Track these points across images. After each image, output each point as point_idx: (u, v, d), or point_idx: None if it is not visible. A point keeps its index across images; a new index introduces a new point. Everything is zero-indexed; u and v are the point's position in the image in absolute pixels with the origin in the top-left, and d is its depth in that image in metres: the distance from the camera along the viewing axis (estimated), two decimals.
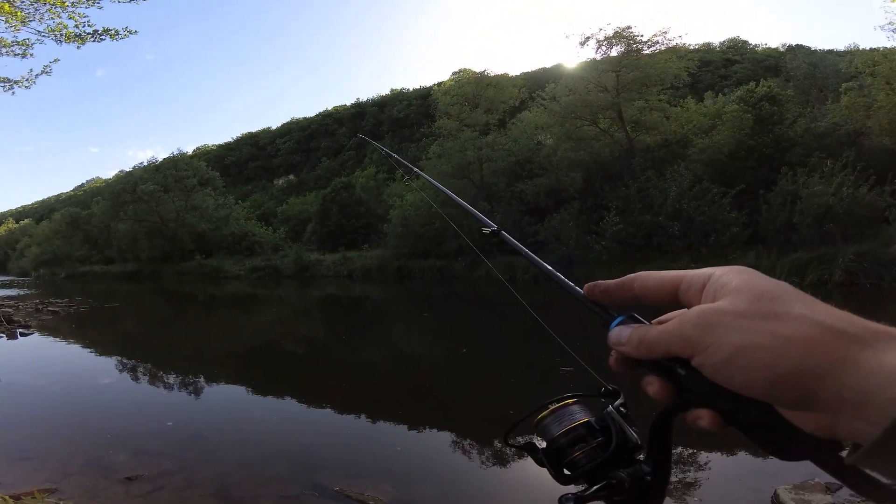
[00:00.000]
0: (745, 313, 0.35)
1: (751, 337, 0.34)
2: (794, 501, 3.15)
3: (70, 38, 9.06)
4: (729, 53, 68.55)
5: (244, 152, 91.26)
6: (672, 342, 0.38)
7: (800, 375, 0.32)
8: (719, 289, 0.38)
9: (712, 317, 0.36)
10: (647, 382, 0.42)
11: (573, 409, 0.48)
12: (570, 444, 0.46)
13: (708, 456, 4.13)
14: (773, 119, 20.89)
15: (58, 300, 19.35)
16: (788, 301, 0.35)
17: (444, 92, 33.64)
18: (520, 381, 6.85)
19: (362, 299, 21.10)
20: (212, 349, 10.70)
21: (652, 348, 0.40)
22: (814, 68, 30.01)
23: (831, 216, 16.01)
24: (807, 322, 0.34)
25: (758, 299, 0.36)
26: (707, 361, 0.36)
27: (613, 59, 24.69)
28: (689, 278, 0.40)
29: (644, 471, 0.43)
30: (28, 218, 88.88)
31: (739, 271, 0.39)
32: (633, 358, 0.42)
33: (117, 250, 44.41)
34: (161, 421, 5.65)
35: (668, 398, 0.41)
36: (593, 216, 22.84)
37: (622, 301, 0.45)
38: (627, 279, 0.44)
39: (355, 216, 37.67)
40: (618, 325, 0.43)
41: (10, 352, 9.98)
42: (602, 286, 0.46)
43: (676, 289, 0.41)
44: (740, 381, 0.35)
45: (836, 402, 0.32)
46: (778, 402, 0.35)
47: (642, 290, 0.43)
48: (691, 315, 0.38)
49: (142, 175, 41.52)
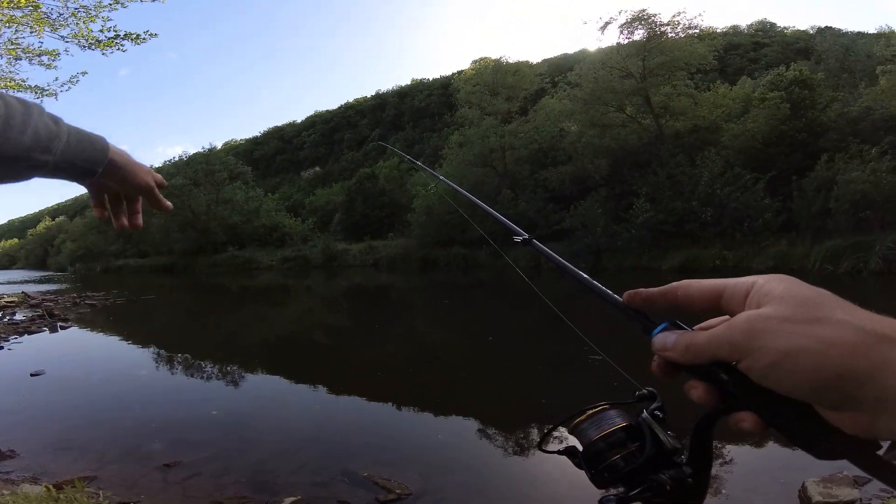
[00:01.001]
0: (790, 318, 0.36)
1: (797, 341, 0.35)
2: (821, 495, 3.12)
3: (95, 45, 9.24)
4: (757, 36, 66.37)
5: (271, 146, 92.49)
6: (721, 347, 0.39)
7: (843, 378, 0.34)
8: (763, 296, 0.39)
9: (759, 322, 0.37)
10: (690, 387, 0.42)
11: (611, 414, 0.48)
12: (608, 448, 0.46)
13: (735, 449, 4.10)
14: (805, 104, 20.25)
15: (94, 293, 20.01)
16: (831, 307, 0.36)
17: (464, 80, 33.43)
18: (548, 371, 6.84)
19: (388, 288, 21.29)
20: (245, 340, 10.94)
21: (700, 353, 0.40)
22: (846, 51, 28.87)
23: (868, 203, 15.47)
24: (849, 327, 0.35)
25: (801, 305, 0.37)
26: (755, 365, 0.37)
27: (637, 43, 24.18)
28: (733, 286, 0.41)
29: (686, 473, 0.43)
30: (63, 215, 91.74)
31: (781, 279, 0.40)
32: (678, 363, 0.42)
33: (151, 244, 45.59)
34: (197, 410, 5.83)
35: (710, 402, 0.41)
36: (622, 203, 22.54)
37: (664, 309, 0.45)
38: (671, 287, 0.45)
39: (379, 206, 37.97)
40: (661, 332, 0.43)
41: (52, 345, 10.39)
42: (644, 294, 0.46)
43: (720, 297, 0.42)
44: (787, 385, 0.36)
45: (877, 403, 0.33)
46: (820, 403, 0.36)
47: (685, 299, 0.44)
48: (739, 321, 0.38)
49: (171, 170, 42.45)
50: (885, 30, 28.99)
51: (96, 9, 9.03)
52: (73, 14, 8.97)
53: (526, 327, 10.48)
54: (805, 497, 3.19)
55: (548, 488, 3.68)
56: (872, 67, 22.56)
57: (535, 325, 10.45)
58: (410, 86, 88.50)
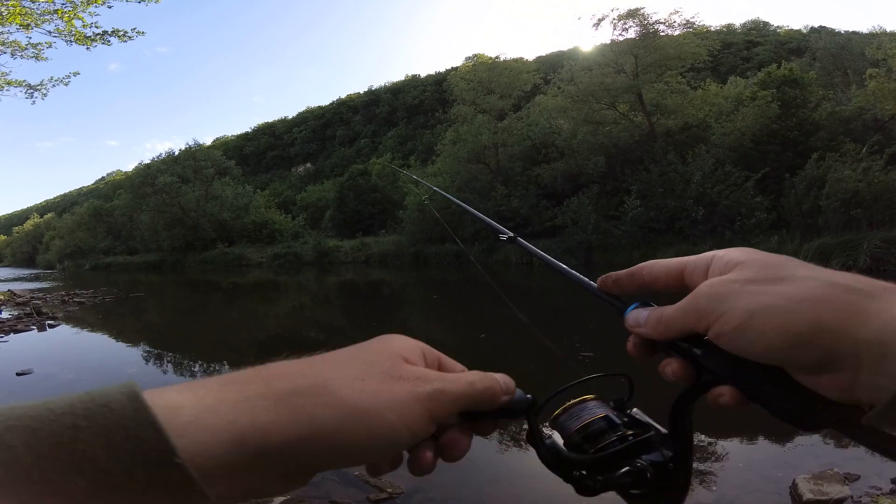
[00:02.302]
0: (753, 279, 0.36)
1: (762, 299, 0.35)
2: (812, 492, 3.14)
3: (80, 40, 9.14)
4: (751, 35, 66.92)
5: (262, 142, 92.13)
6: (688, 316, 0.39)
7: (815, 333, 0.33)
8: (724, 266, 0.39)
9: (722, 286, 0.37)
10: (665, 364, 0.42)
11: (590, 405, 0.47)
12: (586, 439, 0.44)
13: (726, 446, 4.12)
14: (796, 102, 20.40)
15: (83, 291, 19.81)
16: (792, 267, 0.36)
17: (459, 77, 33.43)
18: (538, 367, 6.85)
19: (380, 285, 21.23)
20: (235, 336, 10.87)
21: (669, 325, 0.41)
22: (840, 49, 29.09)
23: (858, 201, 15.64)
24: (814, 281, 0.34)
25: (763, 268, 0.37)
26: (722, 330, 0.36)
27: (631, 41, 24.24)
28: (694, 261, 0.42)
29: (666, 456, 0.42)
30: (51, 212, 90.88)
31: (740, 249, 0.40)
32: (651, 339, 0.43)
33: (140, 241, 45.32)
34: None
35: (686, 379, 0.41)
36: (612, 200, 22.61)
37: (633, 289, 0.47)
38: (637, 268, 0.46)
39: (371, 202, 37.93)
40: (634, 310, 0.44)
41: (40, 343, 10.26)
42: (613, 277, 0.48)
43: (682, 272, 0.42)
44: (758, 347, 0.35)
45: (855, 359, 0.32)
46: (797, 366, 0.35)
47: (651, 277, 0.45)
48: (703, 288, 0.39)
49: (160, 167, 42.17)
50: (877, 30, 29.19)
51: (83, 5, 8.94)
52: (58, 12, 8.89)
53: (518, 323, 10.49)
54: (796, 494, 3.21)
55: (541, 484, 3.68)
56: (866, 67, 22.76)
57: (528, 320, 10.46)
58: (404, 82, 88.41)
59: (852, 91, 22.27)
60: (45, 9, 8.69)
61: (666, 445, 0.42)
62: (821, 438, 4.03)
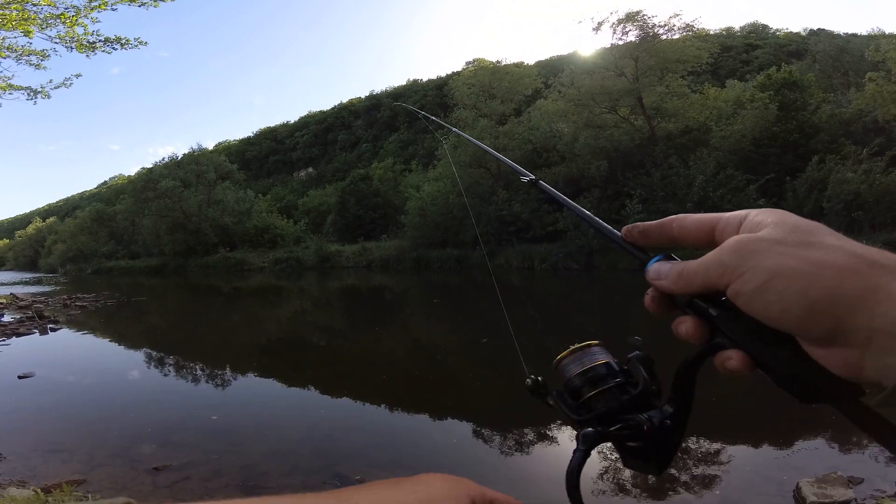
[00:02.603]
0: (781, 241, 0.36)
1: (787, 261, 0.34)
2: (815, 495, 3.12)
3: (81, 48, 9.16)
4: (751, 38, 67.00)
5: (264, 147, 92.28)
6: (711, 269, 0.38)
7: (833, 302, 0.32)
8: (755, 225, 0.38)
9: (750, 244, 0.36)
10: (679, 322, 0.41)
11: (594, 350, 0.47)
12: (586, 383, 0.45)
13: (731, 449, 4.10)
14: (795, 105, 20.41)
15: (85, 295, 19.84)
16: (822, 234, 0.36)
17: (461, 82, 33.49)
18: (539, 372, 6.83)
19: (381, 290, 21.22)
20: (236, 342, 10.87)
21: (691, 280, 0.39)
22: (840, 51, 29.13)
23: (860, 203, 15.63)
24: (841, 251, 0.34)
25: (794, 231, 0.36)
26: (743, 288, 0.36)
27: (631, 44, 24.27)
28: (727, 218, 0.41)
29: (665, 413, 0.42)
30: (53, 216, 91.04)
31: (774, 211, 0.39)
32: (671, 293, 0.42)
33: (142, 245, 45.35)
34: (188, 412, 5.77)
35: (699, 339, 0.40)
36: (614, 204, 22.61)
37: (660, 242, 0.45)
38: (667, 220, 0.45)
39: (373, 207, 37.94)
40: (656, 262, 0.43)
41: (42, 347, 10.27)
42: (641, 227, 0.46)
43: (714, 228, 0.41)
44: (775, 310, 0.35)
45: (867, 335, 0.32)
46: (809, 335, 0.34)
47: (681, 231, 0.43)
48: (731, 242, 0.38)
49: (162, 171, 42.26)
50: (877, 32, 29.21)
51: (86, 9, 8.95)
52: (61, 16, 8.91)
53: (518, 328, 10.46)
54: (800, 497, 3.19)
55: (545, 484, 3.66)
56: (866, 69, 22.76)
57: (530, 324, 10.44)
58: (405, 86, 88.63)
59: (852, 93, 22.28)
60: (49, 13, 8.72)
61: (668, 402, 0.43)
62: (825, 441, 4.01)
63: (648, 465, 0.43)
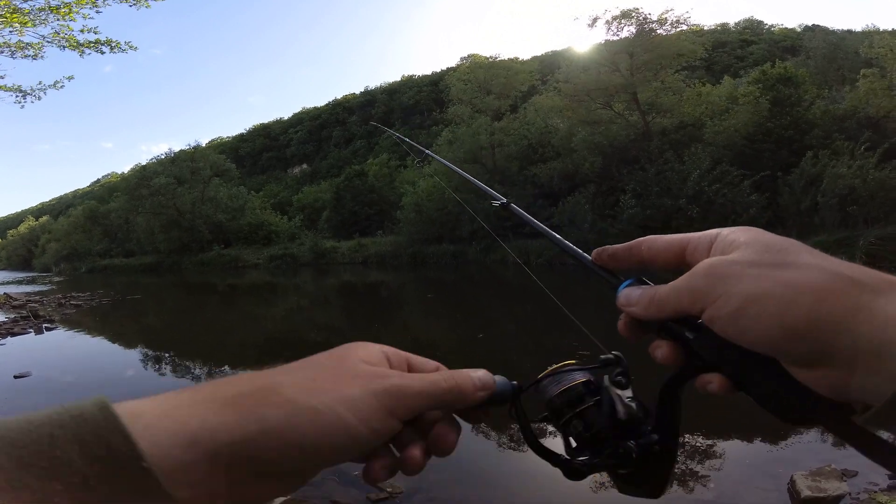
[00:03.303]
0: (755, 262, 0.34)
1: (762, 284, 0.33)
2: (810, 489, 3.15)
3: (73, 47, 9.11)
4: (745, 34, 67.19)
5: (257, 143, 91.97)
6: (682, 295, 0.37)
7: (813, 324, 0.31)
8: (727, 245, 0.37)
9: (721, 267, 0.35)
10: (655, 346, 0.40)
11: (571, 371, 0.47)
12: (566, 404, 0.45)
13: (724, 443, 4.14)
14: (790, 101, 20.50)
15: (80, 294, 19.74)
16: (797, 252, 0.34)
17: (457, 78, 33.45)
18: (536, 366, 6.86)
19: (377, 286, 21.22)
20: (233, 340, 10.86)
21: (662, 306, 0.38)
22: (834, 48, 29.24)
23: (854, 198, 15.73)
24: (818, 270, 0.32)
25: (767, 251, 0.35)
26: (717, 314, 0.34)
27: (626, 40, 24.33)
28: (697, 238, 0.40)
29: (652, 440, 0.41)
30: (46, 215, 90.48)
31: (746, 229, 0.38)
32: (643, 319, 0.41)
33: (136, 243, 45.18)
34: None
35: (676, 363, 0.39)
36: (609, 199, 22.68)
37: (630, 265, 0.44)
38: (635, 243, 0.44)
39: (368, 203, 37.91)
40: (627, 288, 0.42)
41: (37, 346, 10.23)
42: (610, 251, 0.45)
43: (684, 249, 0.40)
44: (753, 335, 0.33)
45: (852, 356, 0.30)
46: (791, 358, 0.33)
47: (650, 253, 0.42)
48: (701, 267, 0.36)
49: (156, 168, 42.11)
50: (871, 28, 29.35)
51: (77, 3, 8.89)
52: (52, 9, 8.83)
53: (517, 322, 10.51)
54: (794, 491, 3.22)
55: (541, 480, 3.69)
56: (860, 65, 22.86)
57: (526, 319, 10.49)
58: (400, 82, 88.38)
59: (846, 90, 22.39)
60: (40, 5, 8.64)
61: (653, 428, 0.42)
62: (818, 435, 4.05)
63: (643, 490, 0.42)
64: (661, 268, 0.42)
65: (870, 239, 14.26)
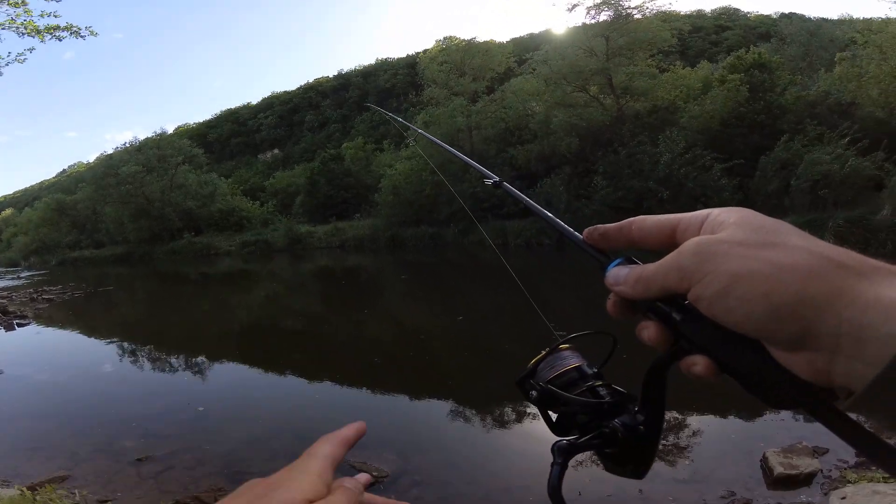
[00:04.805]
0: (743, 242, 0.34)
1: (749, 264, 0.33)
2: (782, 466, 3.24)
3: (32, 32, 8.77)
4: (721, 20, 67.67)
5: (225, 129, 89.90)
6: (669, 274, 0.37)
7: (798, 305, 0.31)
8: (717, 225, 0.37)
9: (710, 246, 0.35)
10: (642, 327, 0.40)
11: (564, 355, 0.49)
12: (563, 386, 0.47)
13: (699, 419, 4.26)
14: (764, 86, 20.84)
15: (52, 287, 19.26)
16: (786, 233, 0.35)
17: (430, 59, 33.04)
18: (515, 349, 6.97)
19: (356, 270, 21.14)
20: (209, 329, 10.76)
21: (649, 284, 0.38)
22: (810, 35, 29.73)
23: (826, 182, 16.18)
24: (805, 252, 0.33)
25: (756, 231, 0.35)
26: (704, 292, 0.35)
27: (603, 24, 24.37)
28: (688, 218, 0.40)
29: (638, 420, 0.42)
30: (10, 208, 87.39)
31: (737, 210, 0.38)
32: (631, 299, 0.41)
33: (106, 234, 44.04)
34: (165, 402, 5.73)
35: (662, 344, 0.39)
36: (584, 181, 22.88)
37: (620, 244, 0.45)
38: (626, 223, 0.44)
39: (344, 187, 37.47)
40: (615, 267, 0.43)
41: (9, 343, 9.98)
42: (601, 230, 0.46)
43: (674, 230, 0.40)
44: (738, 314, 0.33)
45: (835, 339, 0.30)
46: (775, 340, 0.33)
47: (640, 233, 0.43)
48: (689, 245, 0.36)
49: (122, 157, 40.97)
50: (846, 17, 29.91)
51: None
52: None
53: (495, 305, 10.61)
54: (767, 468, 3.32)
55: (524, 463, 3.78)
56: (833, 53, 23.28)
57: (504, 302, 10.60)
58: (375, 65, 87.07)
59: (820, 75, 22.82)
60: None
61: (639, 409, 0.43)
62: (791, 413, 4.22)
63: (626, 470, 0.43)
64: (651, 248, 0.42)
65: (839, 221, 14.70)
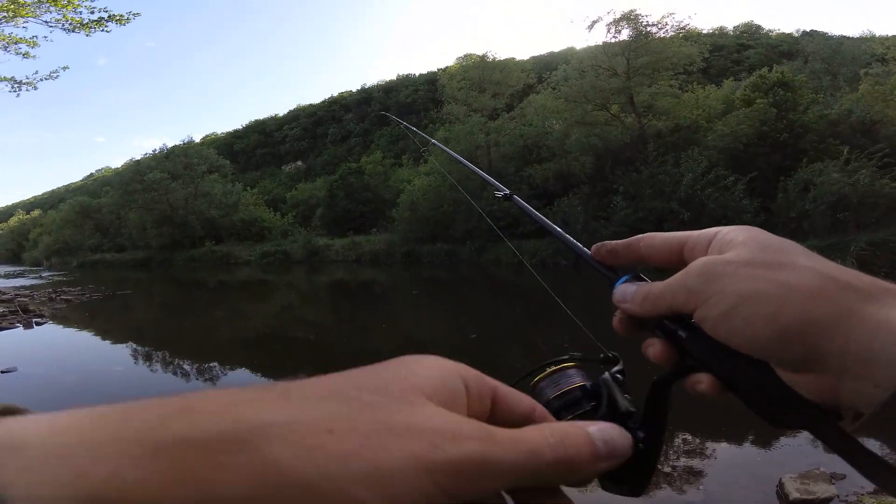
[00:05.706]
0: (750, 262, 0.34)
1: (755, 284, 0.33)
2: (798, 492, 3.14)
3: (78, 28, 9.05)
4: (743, 38, 67.52)
5: (252, 139, 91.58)
6: (676, 293, 0.36)
7: (805, 327, 0.31)
8: (725, 244, 0.37)
9: (716, 266, 0.35)
10: (648, 344, 0.40)
11: (570, 373, 0.47)
12: (563, 407, 0.45)
13: (713, 444, 4.14)
14: (787, 105, 20.61)
15: (70, 288, 19.59)
16: (794, 253, 0.34)
17: (450, 76, 33.37)
18: (529, 366, 6.85)
19: (371, 284, 21.16)
20: (223, 336, 10.80)
21: (656, 303, 0.38)
22: (833, 53, 29.46)
23: (845, 205, 15.81)
24: (812, 273, 0.32)
25: (763, 250, 0.34)
26: (710, 313, 0.34)
27: (623, 42, 24.38)
28: (696, 236, 0.40)
29: (638, 437, 0.40)
30: (38, 209, 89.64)
31: (745, 228, 0.38)
32: (637, 316, 0.40)
33: (128, 238, 44.91)
34: None
35: (668, 362, 0.39)
36: (603, 201, 22.73)
37: (629, 261, 0.45)
38: (634, 239, 0.44)
39: (363, 201, 37.78)
40: (623, 284, 0.42)
41: (26, 341, 10.12)
42: (609, 246, 0.46)
43: (683, 247, 0.40)
44: (744, 335, 0.33)
45: (842, 360, 0.30)
46: (781, 360, 0.33)
47: (648, 250, 0.43)
48: (696, 265, 0.36)
49: (150, 163, 41.85)
50: (867, 34, 29.57)
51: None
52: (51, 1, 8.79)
53: (511, 322, 10.51)
54: (783, 494, 3.22)
55: None
56: (856, 70, 22.96)
57: (519, 320, 10.49)
58: (396, 81, 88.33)
59: (842, 93, 22.49)
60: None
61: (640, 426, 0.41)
62: (807, 437, 4.06)
63: (623, 489, 0.42)
64: (659, 265, 0.42)
65: (860, 244, 14.35)
